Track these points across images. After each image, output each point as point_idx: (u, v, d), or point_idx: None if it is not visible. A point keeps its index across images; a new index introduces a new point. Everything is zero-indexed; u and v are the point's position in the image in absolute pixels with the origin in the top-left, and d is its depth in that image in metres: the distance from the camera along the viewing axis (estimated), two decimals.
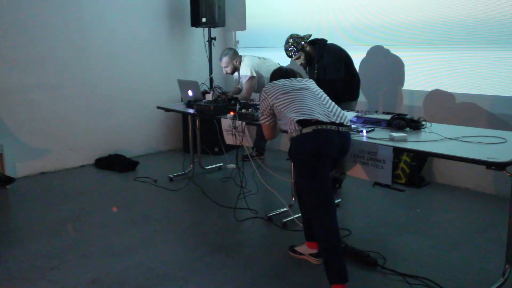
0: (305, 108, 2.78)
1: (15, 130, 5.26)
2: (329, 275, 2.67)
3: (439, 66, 4.63)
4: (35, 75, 5.31)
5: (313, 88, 3.03)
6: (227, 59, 5.26)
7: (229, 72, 5.35)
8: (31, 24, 5.22)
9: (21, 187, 4.95)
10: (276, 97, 2.92)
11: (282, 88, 2.96)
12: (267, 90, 3.01)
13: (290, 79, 3.07)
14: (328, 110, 2.84)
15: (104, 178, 5.36)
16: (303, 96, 2.88)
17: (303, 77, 3.23)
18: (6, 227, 4.09)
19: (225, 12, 6.21)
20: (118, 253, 3.40)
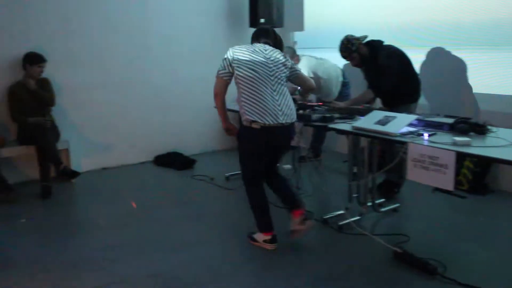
0: (259, 107, 3.24)
1: (81, 127, 5.50)
2: (259, 225, 3.47)
3: (507, 68, 4.42)
4: (98, 74, 5.53)
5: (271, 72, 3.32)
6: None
7: None
8: (95, 25, 5.44)
9: (85, 181, 5.16)
10: (240, 71, 3.29)
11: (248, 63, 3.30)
12: (236, 53, 3.33)
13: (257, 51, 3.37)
14: (278, 108, 3.27)
15: (163, 175, 5.50)
16: (260, 91, 3.27)
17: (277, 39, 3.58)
18: (70, 219, 4.28)
19: (284, 13, 6.21)
20: (175, 248, 3.48)
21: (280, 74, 3.37)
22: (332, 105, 4.26)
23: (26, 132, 4.86)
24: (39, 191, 4.72)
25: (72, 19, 5.33)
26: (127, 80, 5.71)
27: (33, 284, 3.01)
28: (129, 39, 5.68)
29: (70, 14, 5.31)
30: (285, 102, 3.34)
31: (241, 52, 3.37)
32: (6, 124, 5.07)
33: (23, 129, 4.90)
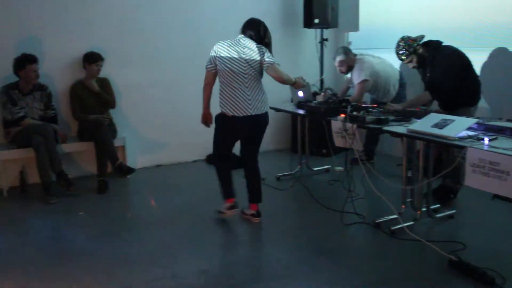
0: (231, 100, 3.82)
1: (137, 125, 5.66)
2: (223, 194, 4.06)
3: None
4: (154, 73, 5.66)
5: (245, 70, 3.82)
6: (341, 58, 5.15)
7: (343, 71, 5.25)
8: (151, 25, 5.58)
9: (139, 177, 5.30)
10: (220, 66, 3.85)
11: (225, 60, 3.84)
12: (218, 50, 3.87)
13: (236, 48, 3.88)
14: (248, 102, 3.81)
15: (214, 174, 5.55)
16: (233, 86, 3.82)
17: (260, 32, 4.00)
18: (124, 214, 4.41)
19: (338, 13, 6.14)
20: (227, 247, 3.52)
21: (253, 71, 3.85)
22: (387, 107, 4.18)
23: (85, 129, 5.04)
24: (96, 185, 4.89)
25: (129, 19, 5.48)
26: (181, 79, 5.81)
27: (89, 275, 3.12)
28: (183, 38, 5.78)
29: (128, 15, 5.47)
30: (255, 96, 3.86)
31: (223, 49, 3.88)
32: (67, 121, 5.30)
33: (83, 126, 5.09)
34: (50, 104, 5.01)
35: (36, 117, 4.90)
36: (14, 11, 4.96)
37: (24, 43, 4.96)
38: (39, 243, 3.71)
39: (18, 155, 4.83)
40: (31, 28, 5.05)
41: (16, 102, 4.78)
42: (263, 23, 4.09)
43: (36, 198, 4.69)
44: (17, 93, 4.80)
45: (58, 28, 5.16)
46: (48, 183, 4.62)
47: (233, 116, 3.81)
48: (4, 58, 4.78)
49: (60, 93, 5.24)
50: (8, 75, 4.80)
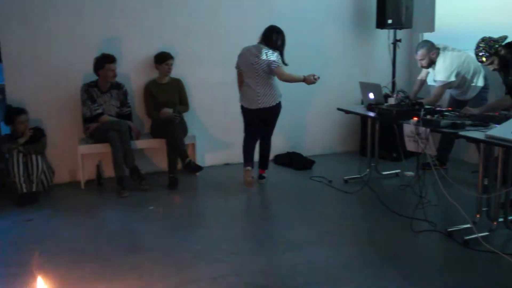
0: (245, 95, 4.87)
1: (206, 124, 5.78)
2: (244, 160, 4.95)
3: None
4: (225, 73, 5.71)
5: (255, 69, 4.72)
6: (423, 52, 4.96)
7: (424, 66, 5.06)
8: (222, 25, 5.68)
9: (208, 175, 5.41)
10: (240, 64, 4.93)
11: (242, 62, 4.88)
12: (240, 55, 4.91)
13: (251, 52, 4.79)
14: (257, 97, 4.74)
15: (282, 174, 5.58)
16: (247, 83, 4.82)
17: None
18: (193, 211, 4.52)
19: (413, 13, 5.95)
20: (290, 247, 3.51)
21: (262, 71, 4.70)
22: (464, 111, 4.00)
23: (157, 126, 5.22)
24: (166, 181, 5.04)
25: (201, 19, 5.60)
26: None
27: (157, 268, 3.22)
28: (254, 39, 5.81)
29: (200, 15, 5.60)
30: (264, 92, 4.73)
31: (242, 52, 4.87)
32: (141, 119, 5.50)
33: (155, 123, 5.27)
34: (126, 102, 5.23)
35: (113, 114, 5.12)
36: (98, 12, 5.22)
37: (105, 44, 5.21)
38: (112, 234, 3.88)
39: (95, 150, 5.08)
40: (111, 29, 5.30)
41: (95, 100, 5.03)
42: (276, 28, 4.84)
43: (110, 191, 4.91)
44: (96, 91, 5.05)
45: (135, 29, 5.38)
46: (122, 177, 4.83)
47: (247, 108, 4.84)
48: (86, 57, 5.04)
49: (135, 91, 5.45)
50: (89, 73, 5.07)
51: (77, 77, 5.16)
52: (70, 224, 4.16)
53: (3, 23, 4.95)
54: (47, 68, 5.12)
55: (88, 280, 3.06)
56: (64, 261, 3.35)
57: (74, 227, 4.07)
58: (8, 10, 4.95)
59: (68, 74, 5.17)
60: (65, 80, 5.17)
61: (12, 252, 3.60)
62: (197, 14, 5.59)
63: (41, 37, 5.08)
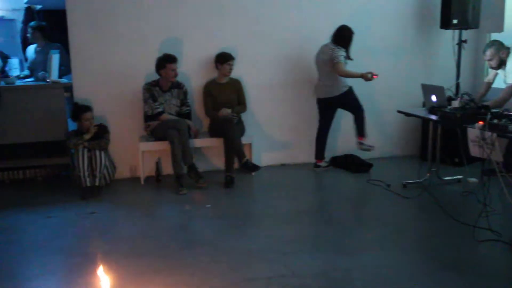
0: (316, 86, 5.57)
1: (264, 124, 5.80)
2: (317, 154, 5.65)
3: None
4: (283, 74, 5.75)
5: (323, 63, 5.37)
6: (492, 51, 4.76)
7: (493, 66, 4.86)
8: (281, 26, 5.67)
9: (264, 175, 5.42)
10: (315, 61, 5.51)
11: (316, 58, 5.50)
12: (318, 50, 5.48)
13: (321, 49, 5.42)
14: (321, 88, 5.49)
15: (339, 176, 5.51)
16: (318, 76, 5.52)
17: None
18: (248, 210, 4.55)
19: (480, 13, 5.71)
20: (346, 251, 3.46)
21: (325, 66, 5.30)
22: None
23: (216, 126, 5.29)
24: (223, 180, 5.09)
25: (261, 20, 5.63)
26: (309, 80, 5.83)
27: (213, 265, 3.27)
28: (315, 40, 5.75)
29: (260, 16, 5.62)
30: (326, 83, 5.39)
31: (318, 51, 5.43)
32: (200, 118, 5.60)
33: (214, 123, 5.34)
34: (186, 101, 5.34)
35: (173, 112, 5.25)
36: (161, 14, 5.36)
37: (167, 44, 5.34)
38: (169, 230, 3.98)
39: (155, 147, 5.22)
40: (174, 30, 5.43)
41: (156, 98, 5.17)
42: (343, 27, 5.30)
43: (168, 188, 5.03)
44: (158, 90, 5.19)
45: (196, 30, 5.48)
46: (180, 174, 4.93)
47: (317, 97, 5.55)
48: (149, 57, 5.18)
49: (195, 91, 5.55)
50: (151, 73, 5.22)
51: (140, 76, 5.32)
52: (130, 218, 4.31)
53: (72, 25, 5.19)
54: (112, 67, 5.32)
55: (146, 273, 3.15)
56: (123, 254, 3.46)
57: (134, 222, 4.20)
58: (76, 11, 5.18)
59: (131, 73, 5.35)
60: (128, 79, 5.35)
61: (76, 243, 3.77)
62: (257, 15, 5.62)
63: (107, 37, 5.28)
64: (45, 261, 3.43)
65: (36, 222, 4.22)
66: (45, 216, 4.32)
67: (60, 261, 3.47)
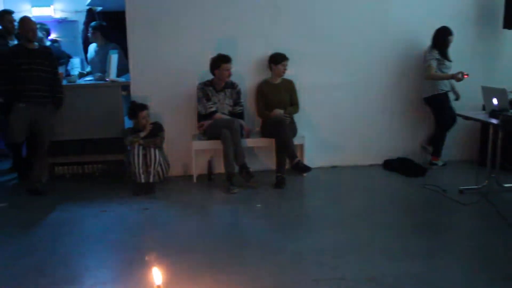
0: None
1: (317, 125, 5.75)
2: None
3: None
4: (337, 74, 5.68)
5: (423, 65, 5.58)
6: None
7: None
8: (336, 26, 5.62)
9: (315, 176, 5.37)
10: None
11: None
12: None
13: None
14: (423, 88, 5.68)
15: (391, 180, 5.39)
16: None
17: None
18: (298, 211, 4.53)
19: None
20: (397, 257, 3.38)
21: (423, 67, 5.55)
22: None
23: (268, 126, 5.30)
24: (274, 180, 5.09)
25: (315, 21, 5.59)
26: (363, 82, 5.74)
27: (262, 264, 3.27)
28: (372, 41, 5.70)
29: (314, 16, 5.59)
30: (424, 83, 5.61)
31: None
32: (252, 118, 5.63)
33: (266, 123, 5.35)
34: (239, 101, 5.38)
35: (226, 112, 5.30)
36: (215, 14, 5.43)
37: (221, 44, 5.40)
38: (220, 228, 4.04)
39: (208, 146, 5.29)
40: (228, 30, 5.48)
41: (210, 98, 5.24)
42: (438, 29, 5.42)
43: (220, 187, 5.08)
44: (211, 90, 5.25)
45: (250, 30, 5.51)
46: (231, 173, 4.97)
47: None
48: (203, 57, 5.26)
49: (248, 91, 5.58)
50: (205, 73, 5.29)
51: (194, 76, 5.41)
52: (182, 215, 4.39)
53: (131, 26, 5.35)
54: (168, 67, 5.43)
55: (196, 270, 3.20)
56: (174, 250, 3.53)
57: (185, 219, 4.29)
58: (135, 13, 5.33)
59: (186, 73, 5.45)
60: (183, 78, 5.45)
61: (129, 237, 3.89)
62: (311, 16, 5.58)
63: (163, 38, 5.41)
64: (99, 254, 3.56)
65: (92, 215, 4.38)
66: (100, 210, 4.49)
67: (114, 254, 3.59)
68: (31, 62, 4.87)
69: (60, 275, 3.21)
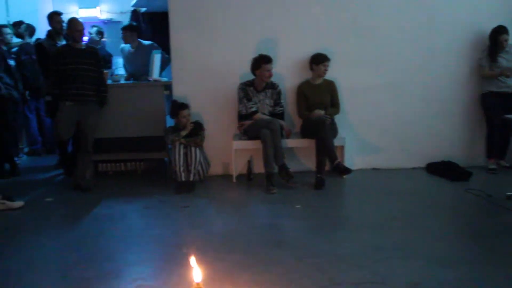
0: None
1: (357, 126, 5.69)
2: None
3: None
4: (380, 75, 5.60)
5: None
6: None
7: None
8: (381, 26, 5.55)
9: (355, 178, 5.30)
10: None
11: None
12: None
13: None
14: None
15: (434, 183, 5.26)
16: None
17: None
18: (338, 213, 4.50)
19: None
20: (440, 262, 3.28)
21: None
22: None
23: (308, 127, 5.27)
24: (313, 181, 5.06)
25: (361, 21, 5.54)
26: (407, 83, 5.64)
27: (301, 265, 3.25)
28: (414, 42, 5.59)
29: (359, 17, 5.54)
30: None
31: None
32: (292, 118, 5.62)
33: (306, 123, 5.33)
34: (279, 102, 5.38)
35: (266, 112, 5.31)
36: (257, 14, 5.46)
37: (262, 44, 5.42)
38: (258, 228, 4.03)
39: (248, 145, 5.31)
40: (269, 30, 5.50)
41: (250, 98, 5.26)
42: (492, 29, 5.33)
43: (259, 186, 5.09)
44: (252, 90, 5.27)
45: (291, 30, 5.51)
46: (271, 174, 4.98)
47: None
48: (244, 57, 5.29)
49: (288, 91, 5.58)
50: (246, 73, 5.31)
51: (235, 76, 5.45)
52: (221, 214, 4.43)
53: (174, 26, 5.44)
54: (209, 67, 5.49)
55: (234, 269, 3.21)
56: (213, 248, 3.55)
57: (225, 217, 4.32)
58: (178, 13, 5.41)
59: (227, 73, 5.49)
60: (224, 78, 5.50)
61: (169, 234, 3.94)
62: (354, 15, 5.54)
63: (206, 38, 5.48)
64: (141, 249, 3.63)
65: (134, 211, 4.49)
66: (142, 207, 4.58)
67: (155, 250, 3.65)
68: (78, 61, 5.03)
69: (103, 268, 3.28)
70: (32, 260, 3.48)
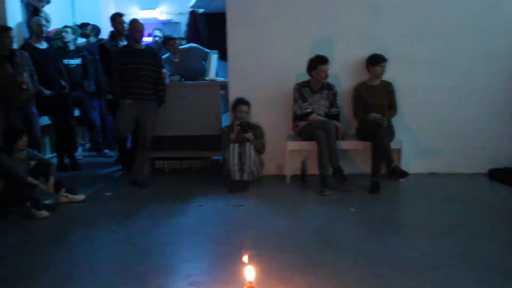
0: None
1: (415, 129, 5.53)
2: None
3: None
4: (439, 77, 5.43)
5: None
6: None
7: None
8: (440, 28, 5.39)
9: (412, 182, 5.16)
10: None
11: None
12: None
13: None
14: None
15: (497, 190, 5.03)
16: None
17: None
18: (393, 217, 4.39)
19: None
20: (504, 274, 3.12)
21: None
22: None
23: (364, 129, 5.18)
24: (368, 184, 4.96)
25: (419, 21, 5.40)
26: (467, 84, 5.43)
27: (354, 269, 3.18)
28: (474, 42, 5.37)
29: (415, 15, 5.40)
30: None
31: None
32: (348, 120, 5.53)
33: (362, 125, 5.23)
34: (335, 103, 5.32)
35: (321, 113, 5.26)
36: (313, 15, 5.44)
37: (319, 45, 5.38)
38: (312, 230, 4.00)
39: (302, 146, 5.28)
40: (326, 31, 5.46)
41: (306, 99, 5.23)
42: None
43: (313, 188, 5.05)
44: (308, 91, 5.24)
45: (348, 31, 5.44)
46: (325, 175, 4.92)
47: None
48: (300, 58, 5.26)
49: (344, 92, 5.51)
50: (302, 73, 5.29)
51: (291, 77, 5.43)
52: (274, 214, 4.42)
53: (231, 27, 5.51)
54: (265, 67, 5.52)
55: (287, 269, 3.19)
56: (266, 248, 3.55)
57: (278, 218, 4.31)
58: (235, 14, 5.47)
59: (283, 73, 5.49)
60: (280, 79, 5.50)
61: (223, 232, 3.97)
62: (410, 15, 5.41)
63: (262, 39, 5.51)
64: (195, 246, 3.68)
65: (189, 209, 4.56)
66: (197, 205, 4.65)
67: (208, 247, 3.69)
68: (138, 61, 5.18)
69: (157, 263, 3.36)
70: (89, 252, 3.61)
